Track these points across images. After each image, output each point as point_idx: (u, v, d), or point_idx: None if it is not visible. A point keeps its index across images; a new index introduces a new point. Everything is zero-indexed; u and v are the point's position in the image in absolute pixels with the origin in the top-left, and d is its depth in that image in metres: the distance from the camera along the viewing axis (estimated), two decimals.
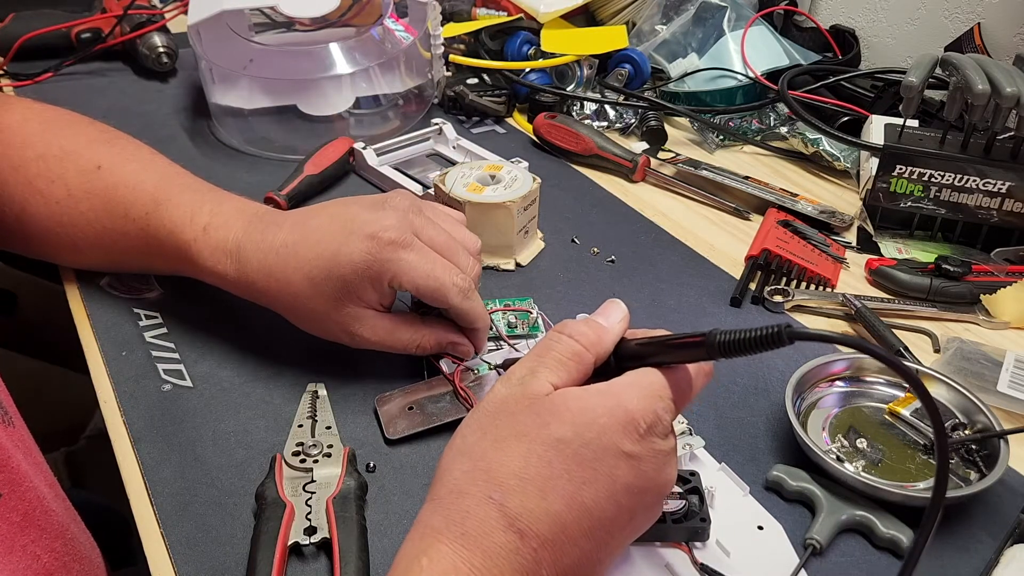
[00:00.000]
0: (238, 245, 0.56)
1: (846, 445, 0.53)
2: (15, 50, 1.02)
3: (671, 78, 0.99)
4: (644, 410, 0.37)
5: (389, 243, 0.52)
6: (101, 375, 0.58)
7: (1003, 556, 0.46)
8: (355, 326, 0.55)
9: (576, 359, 0.40)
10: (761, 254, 0.71)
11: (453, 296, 0.54)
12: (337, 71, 0.87)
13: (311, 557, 0.46)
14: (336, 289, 0.53)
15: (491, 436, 0.37)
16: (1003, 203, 0.73)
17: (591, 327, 0.41)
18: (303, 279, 0.54)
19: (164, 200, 0.59)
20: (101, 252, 0.63)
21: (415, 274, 0.52)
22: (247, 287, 0.57)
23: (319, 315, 0.55)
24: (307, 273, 0.53)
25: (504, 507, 0.35)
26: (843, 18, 1.08)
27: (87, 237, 0.62)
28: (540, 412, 0.37)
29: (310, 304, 0.54)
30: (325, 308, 0.54)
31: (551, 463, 0.36)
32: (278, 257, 0.55)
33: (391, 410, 0.54)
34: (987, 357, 0.61)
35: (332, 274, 0.53)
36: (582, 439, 0.36)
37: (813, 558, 0.46)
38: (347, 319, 0.54)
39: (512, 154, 0.83)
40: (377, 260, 0.52)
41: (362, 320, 0.55)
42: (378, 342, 0.56)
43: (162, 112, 0.96)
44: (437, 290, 0.53)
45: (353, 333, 0.55)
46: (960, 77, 0.70)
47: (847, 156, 0.87)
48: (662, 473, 0.38)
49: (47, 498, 0.46)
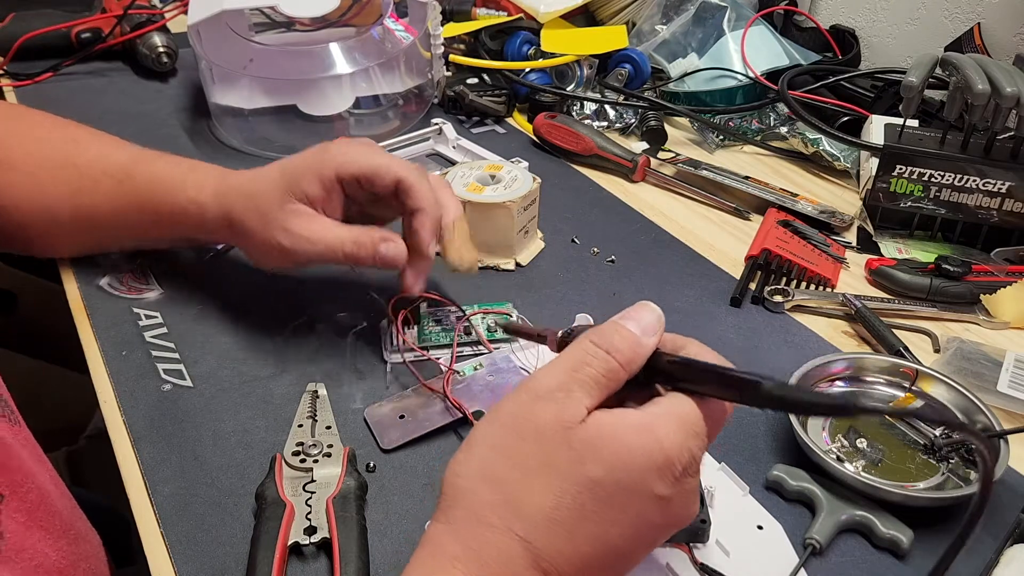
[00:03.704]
0: (221, 176, 0.61)
1: (846, 445, 0.53)
2: (15, 50, 1.02)
3: (671, 78, 0.99)
4: (680, 451, 0.35)
5: (336, 140, 0.58)
6: (101, 375, 0.58)
7: (1003, 556, 0.46)
8: (293, 221, 0.56)
9: (611, 377, 0.37)
10: (761, 254, 0.71)
11: (398, 168, 0.56)
12: (337, 71, 0.87)
13: (311, 557, 0.46)
14: (286, 182, 0.57)
15: (519, 465, 0.35)
16: (1003, 203, 0.73)
17: (627, 343, 0.38)
18: (264, 183, 0.58)
19: (141, 157, 0.64)
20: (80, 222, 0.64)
21: (357, 156, 0.56)
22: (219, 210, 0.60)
23: (265, 219, 0.57)
24: (266, 175, 0.58)
25: (529, 544, 0.34)
26: (843, 18, 1.08)
27: (64, 211, 0.63)
28: (575, 446, 0.35)
29: (262, 204, 0.57)
30: (270, 206, 0.57)
31: (583, 506, 0.34)
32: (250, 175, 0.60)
33: (383, 421, 0.54)
34: (987, 357, 0.60)
35: (284, 168, 0.58)
36: (617, 482, 0.35)
37: (813, 558, 0.46)
38: (288, 215, 0.57)
39: (512, 154, 0.83)
40: (324, 148, 0.57)
41: (300, 215, 0.57)
42: (311, 237, 0.56)
43: (162, 112, 0.96)
44: (380, 166, 0.56)
45: (290, 229, 0.56)
46: (960, 77, 0.70)
47: (847, 156, 0.87)
48: (687, 509, 0.37)
49: (53, 496, 0.46)
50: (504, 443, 0.36)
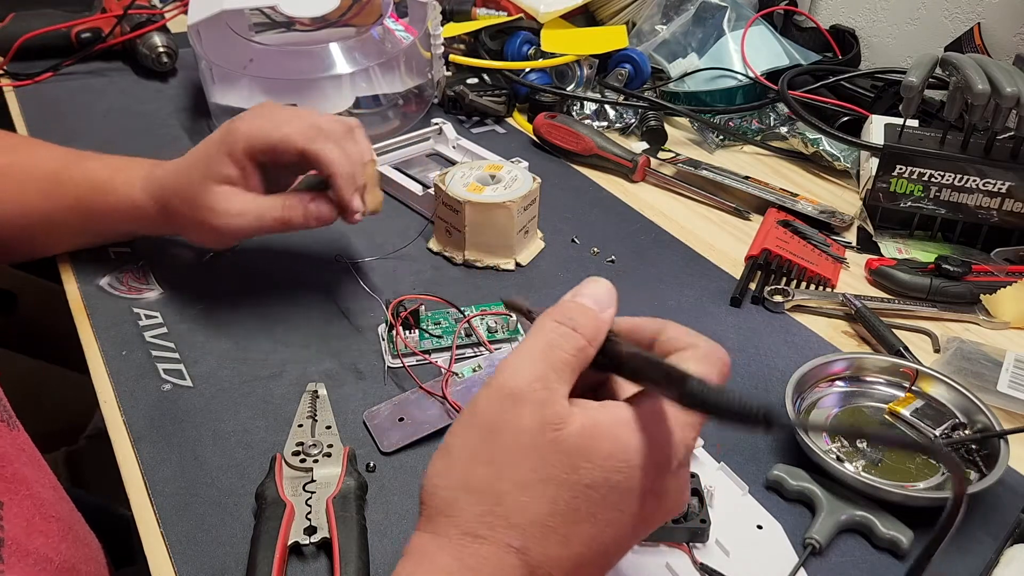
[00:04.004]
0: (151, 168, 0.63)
1: (846, 445, 0.53)
2: (15, 50, 1.02)
3: (671, 78, 0.99)
4: (676, 445, 0.35)
5: (240, 116, 0.59)
6: (101, 375, 0.58)
7: (1003, 556, 0.46)
8: (218, 201, 0.58)
9: (580, 356, 0.36)
10: (761, 254, 0.71)
11: (296, 138, 0.57)
12: (337, 71, 0.87)
13: (311, 557, 0.46)
14: (204, 168, 0.59)
15: (506, 475, 0.34)
16: (1003, 203, 0.73)
17: (589, 318, 0.37)
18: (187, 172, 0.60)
19: (72, 160, 0.65)
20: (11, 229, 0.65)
21: (259, 131, 0.57)
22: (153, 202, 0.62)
23: (193, 205, 0.59)
24: (187, 164, 0.60)
25: (525, 555, 0.33)
26: (843, 18, 1.08)
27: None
28: (566, 451, 0.33)
29: (188, 193, 0.59)
30: (195, 193, 0.59)
31: (578, 510, 0.34)
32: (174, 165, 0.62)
33: (382, 424, 0.54)
34: (987, 357, 0.61)
35: (200, 154, 0.60)
36: (612, 483, 0.34)
37: (813, 558, 0.46)
38: (212, 196, 0.58)
39: (512, 154, 0.83)
40: (228, 128, 0.58)
41: (223, 194, 0.59)
42: (239, 211, 0.59)
43: (162, 112, 0.96)
44: (279, 141, 0.57)
45: (216, 208, 0.58)
46: (960, 77, 0.70)
47: (847, 156, 0.87)
48: (681, 497, 0.37)
49: (50, 500, 0.46)
50: (486, 451, 0.34)
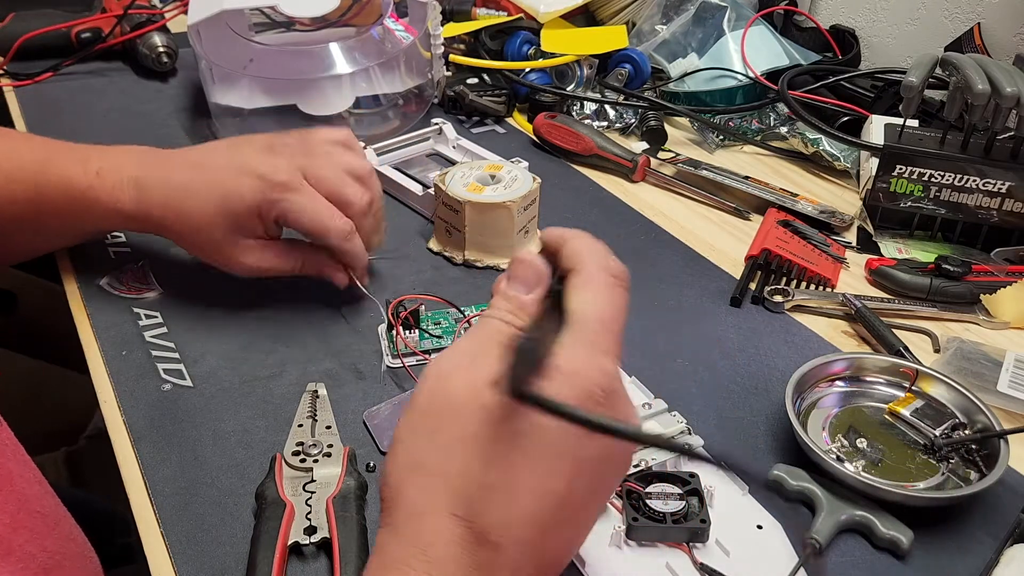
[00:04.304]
0: (136, 180, 0.60)
1: (846, 445, 0.53)
2: (15, 50, 1.02)
3: (671, 78, 0.99)
4: (595, 373, 0.33)
5: (278, 184, 0.58)
6: (101, 375, 0.58)
7: (1003, 556, 0.46)
8: (245, 256, 0.61)
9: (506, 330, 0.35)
10: (761, 254, 0.71)
11: (334, 238, 0.60)
12: (337, 71, 0.87)
13: (311, 557, 0.46)
14: (229, 223, 0.59)
15: (439, 444, 0.33)
16: (1003, 203, 0.73)
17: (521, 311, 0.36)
18: (200, 213, 0.59)
19: (49, 159, 0.62)
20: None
21: (300, 215, 0.59)
22: (145, 219, 0.61)
23: (213, 244, 0.61)
24: (203, 208, 0.59)
25: (470, 522, 0.32)
26: (843, 18, 1.08)
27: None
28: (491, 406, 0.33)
29: (204, 235, 0.60)
30: (219, 239, 0.60)
31: (514, 462, 0.32)
32: (178, 192, 0.60)
33: (382, 424, 0.54)
34: (987, 357, 0.61)
35: (226, 210, 0.59)
36: (542, 427, 0.32)
37: (813, 558, 0.46)
38: (238, 251, 0.61)
39: (512, 154, 0.83)
40: (266, 200, 0.58)
41: (251, 251, 0.61)
42: (266, 269, 0.62)
43: (162, 112, 0.96)
44: (320, 232, 0.59)
45: (242, 263, 0.61)
46: (960, 77, 0.70)
47: (847, 156, 0.87)
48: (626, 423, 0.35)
49: (35, 497, 0.46)
50: (421, 426, 0.34)
